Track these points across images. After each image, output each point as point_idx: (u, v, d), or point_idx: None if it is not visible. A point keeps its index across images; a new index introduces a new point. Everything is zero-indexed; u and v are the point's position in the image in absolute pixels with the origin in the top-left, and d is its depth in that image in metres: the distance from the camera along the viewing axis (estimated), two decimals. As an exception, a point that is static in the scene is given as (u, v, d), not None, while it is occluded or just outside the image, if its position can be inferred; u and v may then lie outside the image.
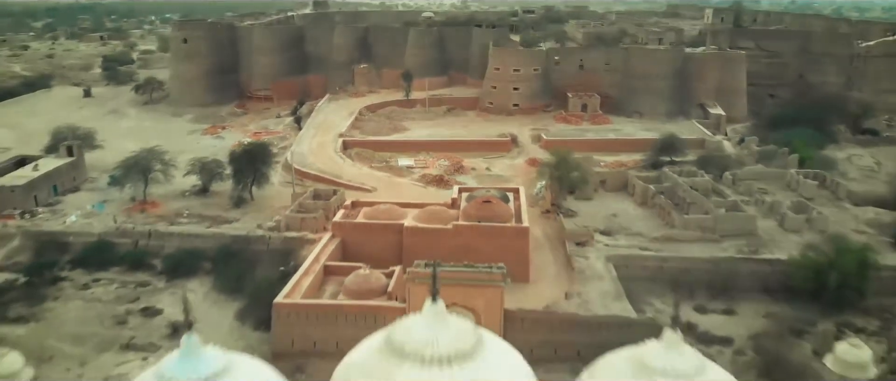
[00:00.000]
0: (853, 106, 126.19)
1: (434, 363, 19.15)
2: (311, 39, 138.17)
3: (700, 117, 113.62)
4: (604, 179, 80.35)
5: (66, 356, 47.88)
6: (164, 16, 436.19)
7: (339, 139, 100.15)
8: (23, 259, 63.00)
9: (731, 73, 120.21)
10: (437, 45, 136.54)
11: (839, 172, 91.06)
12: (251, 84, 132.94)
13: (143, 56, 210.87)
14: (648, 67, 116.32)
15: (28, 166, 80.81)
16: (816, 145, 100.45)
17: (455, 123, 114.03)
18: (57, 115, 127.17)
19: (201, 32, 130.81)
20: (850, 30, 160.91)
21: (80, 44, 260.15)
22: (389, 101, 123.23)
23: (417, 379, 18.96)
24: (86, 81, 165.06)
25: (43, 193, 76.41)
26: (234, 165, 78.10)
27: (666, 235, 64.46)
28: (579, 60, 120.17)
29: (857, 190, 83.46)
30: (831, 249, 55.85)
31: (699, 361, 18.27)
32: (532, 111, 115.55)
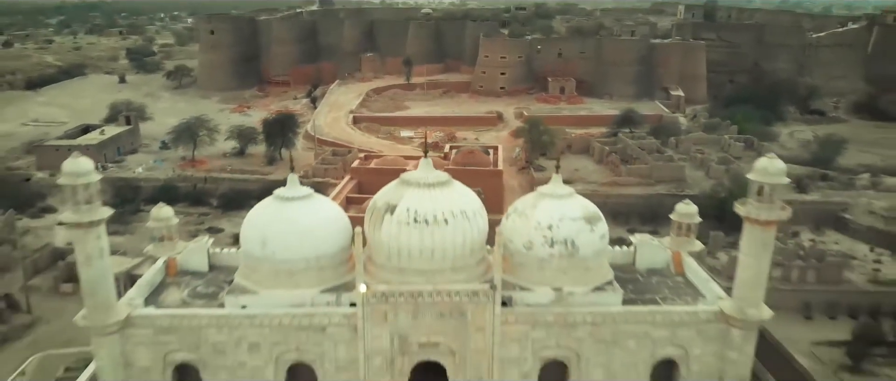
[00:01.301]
0: (803, 90, 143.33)
1: (424, 186, 36.49)
2: (323, 31, 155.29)
3: (663, 99, 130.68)
4: (570, 144, 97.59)
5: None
6: (173, 13, 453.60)
7: (350, 115, 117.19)
8: (105, 199, 79.77)
9: (692, 60, 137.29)
10: (434, 36, 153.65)
11: (778, 143, 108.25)
12: (270, 71, 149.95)
13: (164, 49, 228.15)
14: (618, 55, 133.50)
15: (94, 132, 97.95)
16: (763, 121, 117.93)
17: (450, 103, 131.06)
18: (98, 97, 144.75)
19: (226, 25, 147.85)
20: (813, 24, 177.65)
21: (100, 38, 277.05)
22: (392, 84, 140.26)
23: (414, 194, 36.33)
24: (116, 70, 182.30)
25: (110, 152, 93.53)
26: (266, 131, 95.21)
27: (612, 180, 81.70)
28: (558, 49, 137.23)
29: (785, 154, 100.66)
30: (732, 186, 72.94)
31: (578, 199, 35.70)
32: (517, 93, 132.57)
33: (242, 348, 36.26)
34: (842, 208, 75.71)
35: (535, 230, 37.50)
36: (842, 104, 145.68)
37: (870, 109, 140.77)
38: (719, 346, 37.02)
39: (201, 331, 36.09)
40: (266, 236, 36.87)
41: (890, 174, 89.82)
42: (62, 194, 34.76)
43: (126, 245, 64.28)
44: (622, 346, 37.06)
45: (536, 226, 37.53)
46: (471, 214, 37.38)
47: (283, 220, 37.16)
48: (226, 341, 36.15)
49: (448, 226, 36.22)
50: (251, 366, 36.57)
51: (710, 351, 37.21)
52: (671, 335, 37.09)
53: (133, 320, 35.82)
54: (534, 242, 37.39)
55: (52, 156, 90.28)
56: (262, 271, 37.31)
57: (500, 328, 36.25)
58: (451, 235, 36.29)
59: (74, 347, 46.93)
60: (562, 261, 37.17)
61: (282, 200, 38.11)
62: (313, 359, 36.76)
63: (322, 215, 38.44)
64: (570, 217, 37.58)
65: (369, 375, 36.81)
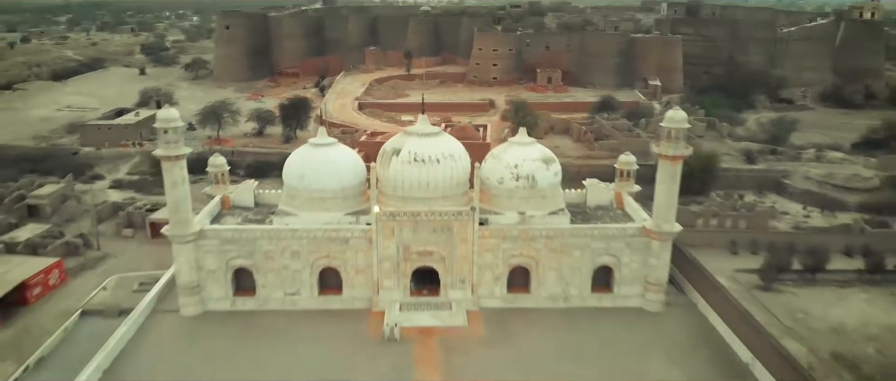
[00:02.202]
0: (773, 80, 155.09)
1: (422, 136, 48.70)
2: (330, 27, 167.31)
3: (642, 88, 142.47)
4: (553, 125, 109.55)
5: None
6: (179, 12, 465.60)
7: (356, 102, 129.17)
8: (144, 168, 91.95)
9: (669, 53, 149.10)
10: (432, 31, 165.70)
11: (744, 126, 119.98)
12: (281, 63, 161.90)
13: (176, 44, 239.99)
14: (600, 48, 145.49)
15: (129, 114, 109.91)
16: (733, 108, 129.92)
17: (446, 91, 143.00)
18: (121, 87, 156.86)
19: (240, 21, 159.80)
20: (788, 20, 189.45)
21: (113, 35, 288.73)
22: (394, 75, 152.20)
23: (414, 141, 48.48)
24: (133, 63, 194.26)
25: (145, 131, 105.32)
26: (282, 113, 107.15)
27: (586, 154, 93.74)
28: (546, 43, 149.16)
29: (745, 134, 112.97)
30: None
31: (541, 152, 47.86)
32: (508, 83, 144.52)
33: (286, 255, 48.49)
34: (783, 175, 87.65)
35: (505, 169, 49.85)
36: (809, 94, 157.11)
37: (836, 97, 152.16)
38: (643, 255, 49.26)
39: (255, 242, 48.32)
40: (303, 171, 49.20)
41: (834, 150, 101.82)
42: (156, 136, 46.49)
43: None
44: (570, 255, 49.29)
45: (506, 166, 49.88)
46: (457, 157, 49.73)
47: (316, 160, 49.50)
48: (274, 249, 48.36)
49: (440, 165, 48.56)
50: (292, 269, 48.80)
51: (637, 259, 49.46)
52: (606, 247, 49.35)
53: (204, 232, 48.03)
54: (504, 177, 49.73)
55: (94, 134, 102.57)
56: (300, 198, 49.58)
57: (478, 240, 48.55)
58: (442, 171, 48.60)
59: (141, 271, 58.83)
60: (524, 192, 49.49)
61: (314, 146, 50.49)
62: (339, 264, 49.03)
63: (344, 158, 50.84)
64: (531, 159, 49.89)
65: (380, 276, 49.09)
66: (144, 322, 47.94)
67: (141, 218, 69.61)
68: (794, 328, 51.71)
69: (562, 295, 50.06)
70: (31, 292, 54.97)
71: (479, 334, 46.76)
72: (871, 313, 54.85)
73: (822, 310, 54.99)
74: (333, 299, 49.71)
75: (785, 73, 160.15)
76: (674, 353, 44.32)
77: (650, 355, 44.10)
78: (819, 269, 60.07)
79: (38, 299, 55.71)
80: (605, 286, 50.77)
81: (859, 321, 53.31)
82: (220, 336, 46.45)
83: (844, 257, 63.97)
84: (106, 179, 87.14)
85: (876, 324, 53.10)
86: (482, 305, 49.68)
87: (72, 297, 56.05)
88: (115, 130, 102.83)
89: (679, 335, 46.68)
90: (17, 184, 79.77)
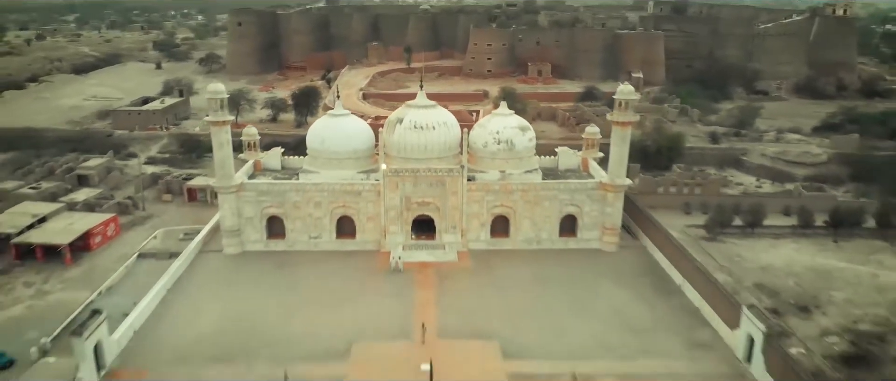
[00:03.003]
0: (749, 73, 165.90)
1: (421, 107, 59.89)
2: (335, 24, 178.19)
3: (625, 80, 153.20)
4: (540, 112, 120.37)
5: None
6: (184, 11, 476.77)
7: (360, 92, 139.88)
8: (173, 149, 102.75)
9: (652, 48, 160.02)
10: (431, 27, 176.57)
11: (717, 114, 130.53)
12: (289, 57, 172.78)
13: (185, 41, 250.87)
14: (587, 43, 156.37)
15: (155, 102, 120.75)
16: (711, 99, 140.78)
17: (444, 83, 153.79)
18: (140, 80, 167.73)
19: (251, 18, 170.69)
20: (769, 17, 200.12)
21: (124, 33, 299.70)
22: (395, 69, 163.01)
23: (414, 112, 59.64)
24: (148, 58, 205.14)
25: (170, 116, 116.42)
26: (295, 101, 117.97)
27: (567, 136, 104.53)
28: (537, 39, 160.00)
29: (715, 119, 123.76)
30: (657, 136, 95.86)
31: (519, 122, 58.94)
32: (501, 75, 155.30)
33: (310, 205, 59.37)
34: (742, 153, 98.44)
35: (488, 135, 60.80)
36: (784, 85, 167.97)
37: (809, 89, 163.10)
38: (600, 205, 60.17)
39: (285, 194, 59.23)
40: (324, 137, 60.16)
41: (794, 132, 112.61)
42: (208, 105, 57.23)
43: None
44: (541, 206, 60.20)
45: (489, 132, 60.85)
46: (450, 125, 60.72)
47: (334, 127, 60.50)
48: (300, 200, 59.26)
49: (435, 131, 59.48)
50: (315, 217, 59.69)
51: (595, 208, 60.37)
52: (571, 198, 60.28)
53: (244, 186, 58.99)
54: (488, 142, 60.67)
55: (125, 119, 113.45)
56: (321, 159, 60.51)
57: (466, 193, 59.42)
58: (437, 136, 59.51)
59: (182, 226, 69.59)
60: (504, 154, 60.42)
61: (332, 116, 61.53)
62: (353, 212, 59.92)
63: (357, 126, 61.90)
64: (510, 127, 60.87)
65: (387, 222, 59.98)
66: (194, 260, 58.82)
67: (178, 185, 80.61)
68: (728, 266, 62.70)
69: (535, 239, 60.98)
70: (93, 240, 65.90)
71: (466, 267, 57.63)
72: (797, 258, 65.85)
73: (754, 255, 65.99)
74: (349, 242, 60.62)
75: (761, 66, 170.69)
76: (622, 280, 55.22)
77: (603, 281, 55.01)
78: (757, 224, 71.01)
79: (99, 246, 66.65)
80: (571, 232, 61.65)
81: (785, 263, 64.31)
82: (257, 271, 57.25)
83: (782, 217, 74.84)
84: (140, 157, 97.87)
85: (799, 265, 64.11)
86: (470, 247, 60.60)
87: (126, 245, 66.99)
88: (144, 115, 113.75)
89: (628, 268, 57.61)
90: (64, 158, 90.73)
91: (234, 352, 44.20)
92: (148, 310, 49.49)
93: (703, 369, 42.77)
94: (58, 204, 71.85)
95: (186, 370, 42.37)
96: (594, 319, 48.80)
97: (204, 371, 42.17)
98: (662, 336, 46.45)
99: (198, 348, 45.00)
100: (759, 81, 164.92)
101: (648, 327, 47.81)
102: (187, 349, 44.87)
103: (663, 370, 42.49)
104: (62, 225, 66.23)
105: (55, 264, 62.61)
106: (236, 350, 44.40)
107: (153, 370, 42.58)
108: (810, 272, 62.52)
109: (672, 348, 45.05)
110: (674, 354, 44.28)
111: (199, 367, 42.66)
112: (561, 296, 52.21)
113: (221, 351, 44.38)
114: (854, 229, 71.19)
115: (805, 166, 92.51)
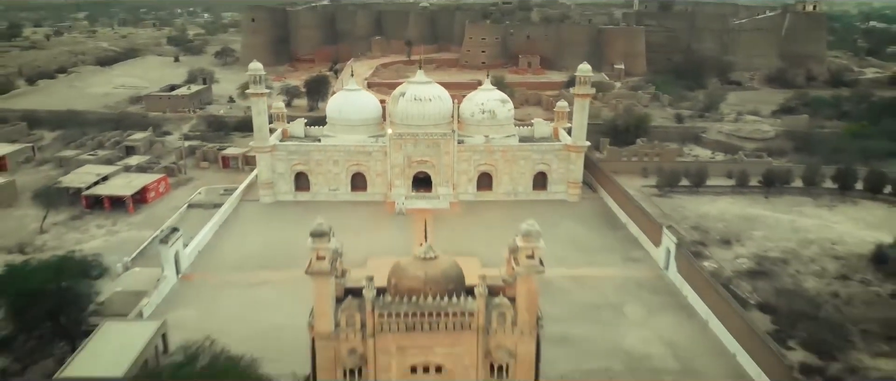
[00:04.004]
0: (724, 65, 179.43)
1: (420, 83, 74.22)
2: (341, 19, 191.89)
3: (609, 71, 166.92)
4: (527, 98, 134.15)
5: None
6: (189, 9, 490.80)
7: (365, 82, 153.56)
8: (201, 128, 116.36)
9: (633, 42, 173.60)
10: (430, 23, 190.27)
11: (689, 100, 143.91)
12: (298, 51, 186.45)
13: (197, 36, 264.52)
14: (573, 37, 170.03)
15: (182, 88, 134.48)
16: (686, 88, 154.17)
17: (442, 74, 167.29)
18: (162, 71, 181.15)
19: (264, 14, 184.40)
20: (748, 13, 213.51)
21: (137, 29, 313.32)
22: (396, 61, 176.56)
23: (414, 87, 73.83)
24: (165, 53, 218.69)
25: (195, 102, 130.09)
26: (308, 88, 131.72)
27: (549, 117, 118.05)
28: (527, 33, 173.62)
29: (685, 105, 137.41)
30: (627, 117, 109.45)
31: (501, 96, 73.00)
32: (494, 66, 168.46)
33: (330, 163, 73.19)
34: (701, 131, 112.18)
35: (475, 106, 74.65)
36: (757, 76, 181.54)
37: (780, 80, 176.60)
38: (566, 163, 74.03)
39: (310, 153, 73.09)
40: (341, 107, 74.08)
41: (753, 115, 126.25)
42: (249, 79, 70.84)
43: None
44: (517, 164, 74.06)
45: (476, 104, 74.76)
46: (444, 98, 74.60)
47: (349, 100, 74.43)
48: (322, 159, 73.10)
49: (432, 102, 73.30)
50: (334, 172, 73.50)
51: (562, 166, 74.23)
52: (542, 158, 74.11)
53: (277, 146, 72.88)
54: (474, 112, 74.51)
55: (156, 103, 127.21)
56: (338, 125, 74.37)
57: (457, 153, 73.21)
58: (433, 107, 73.33)
59: (221, 185, 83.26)
60: (488, 121, 74.25)
61: (348, 91, 75.37)
62: (364, 169, 73.75)
63: (367, 99, 75.86)
64: (492, 99, 74.79)
65: (392, 177, 73.74)
66: (237, 207, 72.67)
67: (213, 154, 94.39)
68: (670, 214, 76.47)
69: (513, 191, 74.79)
70: (149, 194, 79.63)
71: (457, 213, 71.47)
72: (731, 209, 79.59)
73: (695, 207, 79.77)
74: (361, 194, 74.44)
75: (736, 59, 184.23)
76: (580, 220, 69.13)
77: (566, 221, 68.88)
78: (701, 184, 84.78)
79: (153, 199, 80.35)
80: (542, 186, 75.50)
81: (719, 212, 78.07)
82: (288, 214, 71.04)
83: (725, 179, 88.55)
84: (181, 128, 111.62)
85: (731, 214, 77.82)
86: (460, 198, 74.40)
87: (176, 199, 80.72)
88: (174, 99, 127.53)
89: (586, 212, 71.53)
90: (110, 134, 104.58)
91: (276, 263, 58.08)
92: (206, 239, 63.32)
93: (633, 274, 56.66)
94: (115, 167, 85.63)
95: (240, 274, 56.20)
96: (555, 244, 62.35)
97: (254, 275, 55.99)
98: (606, 255, 60.34)
99: (247, 260, 58.93)
100: (734, 72, 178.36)
101: (596, 249, 61.70)
102: (239, 260, 58.78)
103: (602, 274, 56.35)
104: (122, 182, 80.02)
105: (120, 212, 76.27)
106: (277, 262, 58.27)
107: (216, 274, 56.43)
108: (739, 219, 76.24)
109: (612, 261, 58.95)
110: (612, 265, 58.19)
111: (249, 272, 56.56)
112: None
113: (265, 262, 58.33)
114: (784, 187, 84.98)
115: (754, 141, 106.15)
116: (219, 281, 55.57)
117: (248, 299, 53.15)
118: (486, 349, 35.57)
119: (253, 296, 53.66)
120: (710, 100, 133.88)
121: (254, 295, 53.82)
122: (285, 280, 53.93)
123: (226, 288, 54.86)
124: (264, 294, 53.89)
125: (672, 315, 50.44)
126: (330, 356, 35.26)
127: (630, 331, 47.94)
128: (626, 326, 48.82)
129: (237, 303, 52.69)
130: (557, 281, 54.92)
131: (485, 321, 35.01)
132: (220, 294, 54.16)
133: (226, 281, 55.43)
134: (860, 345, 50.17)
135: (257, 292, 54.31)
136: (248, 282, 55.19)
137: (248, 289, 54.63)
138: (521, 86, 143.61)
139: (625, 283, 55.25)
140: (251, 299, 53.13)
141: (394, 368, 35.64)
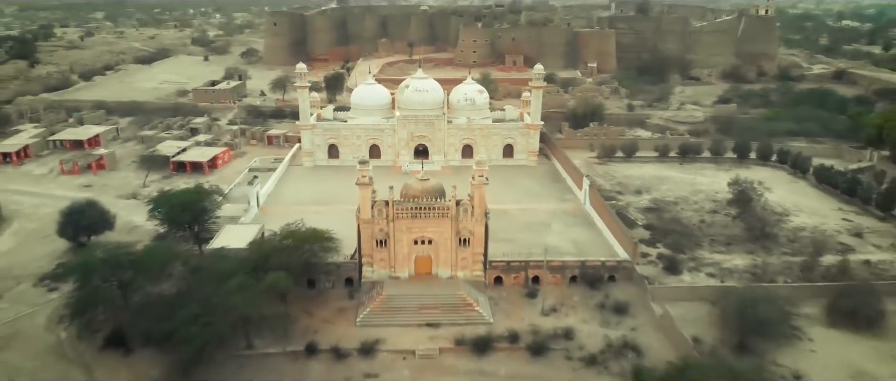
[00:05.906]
0: (685, 63, 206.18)
1: (420, 78, 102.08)
2: (351, 23, 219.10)
3: (582, 69, 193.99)
4: (509, 92, 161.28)
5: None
6: (202, 10, 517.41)
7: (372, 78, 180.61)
8: (242, 116, 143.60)
9: (605, 43, 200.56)
10: (429, 26, 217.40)
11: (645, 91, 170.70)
12: (314, 51, 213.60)
13: (218, 37, 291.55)
14: (552, 39, 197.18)
15: (222, 83, 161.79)
16: (650, 83, 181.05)
17: (439, 71, 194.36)
18: (195, 69, 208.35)
19: (284, 18, 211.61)
20: (713, 16, 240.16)
21: (161, 30, 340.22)
22: (400, 60, 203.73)
23: (415, 81, 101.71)
24: (194, 52, 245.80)
25: (234, 95, 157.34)
26: (326, 83, 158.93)
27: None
28: (513, 36, 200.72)
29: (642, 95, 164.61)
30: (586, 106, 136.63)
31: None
32: (484, 65, 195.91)
33: (354, 137, 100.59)
34: (646, 117, 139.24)
35: (460, 95, 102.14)
36: (714, 73, 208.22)
37: (734, 76, 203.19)
38: (526, 138, 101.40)
39: (339, 130, 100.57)
40: (361, 96, 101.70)
41: (694, 104, 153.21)
42: (296, 74, 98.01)
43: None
44: (491, 138, 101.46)
45: (461, 93, 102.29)
46: (438, 90, 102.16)
47: (367, 91, 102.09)
48: (348, 135, 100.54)
49: (428, 93, 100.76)
50: (357, 144, 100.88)
51: (524, 140, 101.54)
52: (509, 134, 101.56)
53: (316, 125, 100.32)
54: (459, 99, 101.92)
55: (202, 95, 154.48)
56: (360, 109, 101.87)
57: (447, 130, 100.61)
58: (429, 96, 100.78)
59: (270, 156, 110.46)
60: (469, 106, 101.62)
61: (366, 84, 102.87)
62: (379, 142, 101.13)
63: (380, 90, 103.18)
64: (473, 89, 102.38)
65: (399, 148, 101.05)
66: (287, 169, 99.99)
67: (260, 134, 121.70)
68: (603, 176, 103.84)
69: (488, 160, 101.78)
70: (217, 161, 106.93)
71: (447, 174, 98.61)
72: (650, 172, 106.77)
73: (624, 171, 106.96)
74: (376, 160, 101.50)
75: (697, 57, 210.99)
76: (534, 177, 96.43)
77: (524, 178, 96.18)
78: (631, 155, 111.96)
79: (221, 166, 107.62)
80: (510, 155, 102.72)
81: (640, 174, 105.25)
82: (324, 175, 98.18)
83: (652, 152, 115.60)
84: (222, 120, 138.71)
85: (649, 175, 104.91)
86: (449, 164, 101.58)
87: (237, 166, 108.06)
88: (217, 92, 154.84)
89: (541, 173, 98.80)
90: (173, 119, 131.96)
91: (320, 202, 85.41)
92: (270, 189, 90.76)
93: (562, 207, 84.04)
94: (187, 142, 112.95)
95: (298, 207, 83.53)
96: (515, 192, 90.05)
97: (306, 208, 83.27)
98: (547, 198, 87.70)
99: (303, 199, 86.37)
100: (693, 69, 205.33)
101: (542, 194, 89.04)
102: (296, 200, 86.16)
103: (542, 208, 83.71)
104: (198, 152, 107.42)
105: (198, 175, 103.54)
106: (321, 201, 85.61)
107: (282, 207, 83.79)
108: (654, 178, 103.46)
109: (550, 201, 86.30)
110: (550, 203, 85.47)
111: (306, 205, 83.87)
112: (499, 183, 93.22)
113: (316, 199, 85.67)
114: (695, 157, 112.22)
115: (686, 124, 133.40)
116: (284, 211, 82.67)
117: (306, 218, 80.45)
118: (456, 229, 62.95)
119: (308, 217, 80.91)
120: (661, 92, 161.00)
121: (309, 216, 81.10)
122: (327, 211, 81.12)
123: (290, 214, 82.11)
124: (315, 216, 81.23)
125: (581, 229, 77.94)
126: (368, 233, 62.67)
127: (551, 236, 75.42)
128: (549, 234, 76.27)
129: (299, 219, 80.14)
130: (512, 212, 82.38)
131: (455, 213, 62.35)
132: (287, 216, 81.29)
133: (289, 211, 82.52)
134: (706, 247, 77.50)
135: (310, 215, 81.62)
136: (304, 211, 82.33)
137: (304, 214, 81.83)
138: (505, 82, 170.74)
139: (555, 212, 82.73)
140: (308, 219, 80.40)
141: (405, 240, 63.09)
